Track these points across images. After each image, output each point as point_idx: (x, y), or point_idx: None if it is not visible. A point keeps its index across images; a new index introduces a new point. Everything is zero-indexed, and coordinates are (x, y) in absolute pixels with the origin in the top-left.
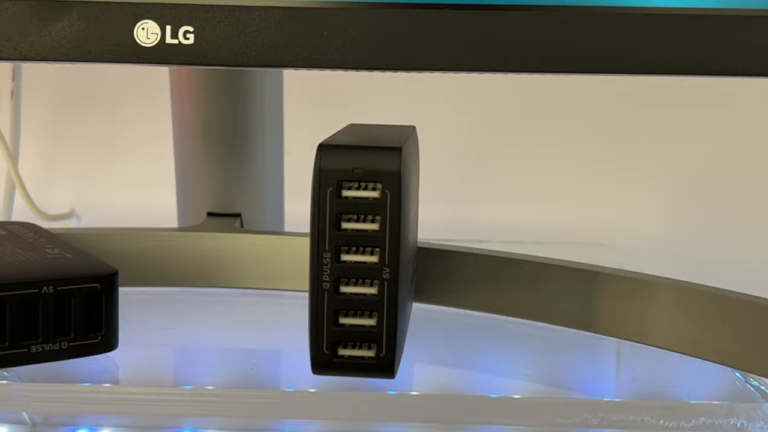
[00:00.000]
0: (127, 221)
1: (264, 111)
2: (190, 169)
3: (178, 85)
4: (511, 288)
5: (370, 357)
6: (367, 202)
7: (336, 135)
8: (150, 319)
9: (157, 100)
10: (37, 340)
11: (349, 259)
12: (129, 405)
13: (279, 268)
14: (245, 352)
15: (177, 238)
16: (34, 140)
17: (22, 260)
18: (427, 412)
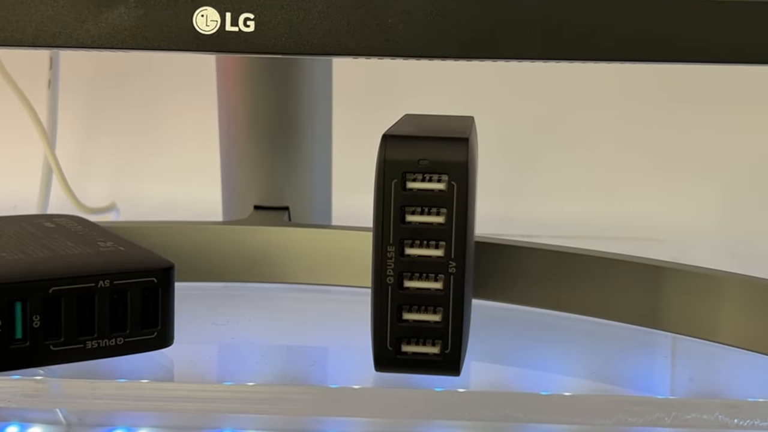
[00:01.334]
0: (167, 215)
1: (313, 101)
2: (237, 162)
3: (225, 75)
4: (572, 284)
5: (434, 354)
6: (432, 194)
7: (397, 125)
8: (200, 314)
9: (195, 90)
10: (93, 335)
11: (413, 253)
12: (172, 403)
13: (329, 263)
14: (302, 350)
15: (224, 232)
16: (71, 130)
17: (76, 253)
18: (492, 409)
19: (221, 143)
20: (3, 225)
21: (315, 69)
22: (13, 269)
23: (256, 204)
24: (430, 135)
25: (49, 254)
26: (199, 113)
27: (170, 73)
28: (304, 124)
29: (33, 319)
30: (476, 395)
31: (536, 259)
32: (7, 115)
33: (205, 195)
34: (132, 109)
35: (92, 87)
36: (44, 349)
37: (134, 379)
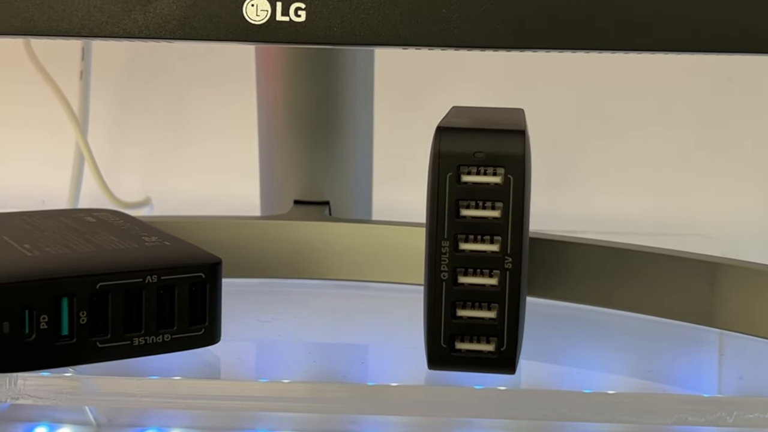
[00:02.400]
0: (200, 209)
1: (355, 93)
2: (277, 155)
3: (265, 66)
4: (625, 280)
5: (489, 351)
6: (488, 187)
7: (450, 118)
8: (243, 311)
9: (228, 83)
10: (140, 332)
11: (468, 248)
12: (207, 401)
13: (373, 259)
14: (350, 347)
15: (265, 227)
16: (101, 122)
17: (121, 248)
18: (550, 408)
19: (260, 136)
20: (42, 219)
21: (357, 59)
22: (58, 264)
23: (296, 199)
24: (485, 127)
25: (95, 249)
26: (231, 107)
27: (203, 66)
28: (346, 116)
29: (80, 315)
30: (533, 393)
31: (587, 255)
32: (35, 109)
33: (238, 190)
34: (164, 101)
35: (123, 78)
36: (91, 346)
37: (172, 377)
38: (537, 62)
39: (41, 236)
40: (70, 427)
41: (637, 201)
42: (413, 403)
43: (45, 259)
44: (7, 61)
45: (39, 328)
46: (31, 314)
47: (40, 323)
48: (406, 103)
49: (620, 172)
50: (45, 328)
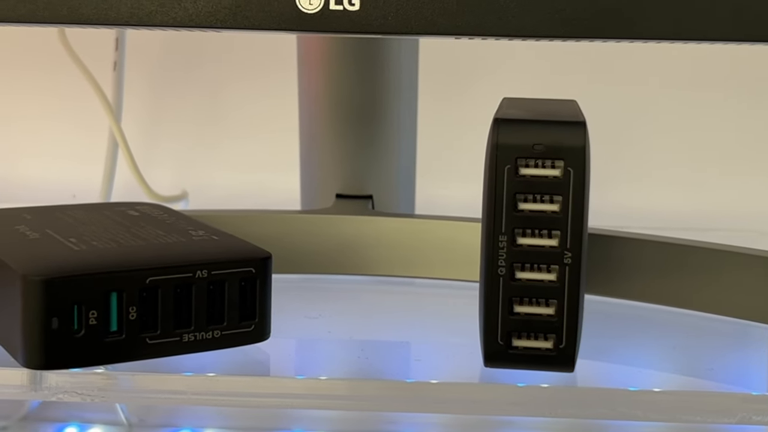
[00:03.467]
0: (235, 203)
1: (400, 84)
2: (318, 148)
3: (307, 57)
4: (687, 278)
5: (547, 349)
6: (546, 180)
7: (505, 109)
8: (289, 307)
9: (265, 75)
10: (190, 328)
11: (526, 243)
12: (243, 398)
13: (419, 255)
14: (402, 345)
15: (308, 222)
16: (135, 114)
17: (170, 242)
18: (610, 407)
19: (301, 129)
20: (84, 213)
21: (402, 49)
22: (107, 258)
23: (339, 192)
24: (544, 119)
25: (142, 243)
26: (266, 100)
27: (238, 57)
28: (390, 108)
29: (129, 310)
30: (593, 392)
31: (642, 251)
32: (64, 102)
33: (273, 183)
34: (198, 93)
35: (157, 70)
36: (140, 342)
37: (207, 373)
38: (576, 53)
39: (86, 230)
40: (101, 427)
41: (685, 196)
42: (464, 401)
43: (93, 253)
44: (40, 52)
45: (88, 323)
46: (80, 310)
47: (89, 319)
48: (445, 94)
49: (667, 167)
50: (94, 324)
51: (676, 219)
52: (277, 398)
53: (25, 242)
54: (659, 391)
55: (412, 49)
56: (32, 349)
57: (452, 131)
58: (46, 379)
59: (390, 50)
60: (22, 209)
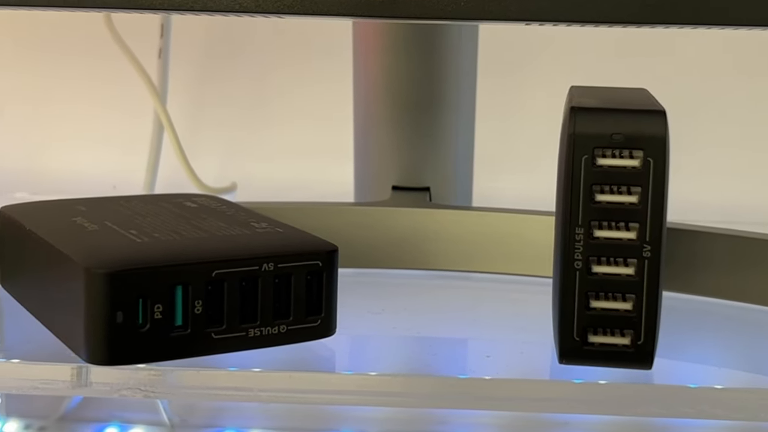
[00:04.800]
0: (285, 195)
1: (459, 72)
2: (374, 138)
3: (363, 43)
4: (762, 273)
5: (624, 345)
6: (625, 171)
7: (579, 98)
8: (350, 302)
9: (311, 63)
10: (255, 323)
11: (603, 236)
12: (293, 394)
13: (480, 249)
14: (470, 341)
15: (365, 214)
16: (179, 102)
17: (233, 235)
18: (690, 405)
19: (356, 118)
20: (141, 204)
21: (462, 35)
22: (172, 251)
23: (395, 184)
24: (622, 107)
25: (206, 235)
26: (313, 87)
27: (286, 43)
28: (450, 96)
29: (195, 304)
30: (671, 390)
31: (716, 246)
32: (106, 92)
33: (322, 175)
34: (244, 82)
35: (202, 57)
36: (205, 337)
37: (251, 369)
38: (630, 38)
39: (145, 222)
40: (143, 427)
41: (736, 188)
42: (538, 399)
43: (156, 245)
44: (85, 38)
45: (153, 317)
46: (145, 303)
47: (154, 313)
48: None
49: (719, 158)
50: (159, 318)
51: (747, 213)
52: (326, 395)
53: (84, 234)
54: (739, 389)
55: (472, 35)
56: (96, 345)
57: (501, 121)
58: (91, 375)
59: (450, 36)
60: (74, 200)
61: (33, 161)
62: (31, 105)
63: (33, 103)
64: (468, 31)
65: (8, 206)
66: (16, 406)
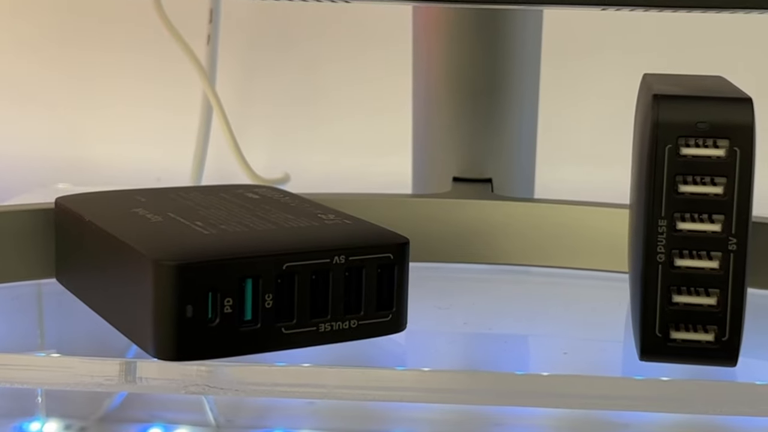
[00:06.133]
0: (338, 187)
1: (523, 60)
2: (434, 128)
3: (424, 29)
4: None
5: (708, 341)
6: (710, 161)
7: (660, 85)
8: (416, 297)
9: (361, 54)
10: (326, 317)
11: (686, 228)
12: (347, 390)
13: (546, 242)
14: (544, 337)
15: (428, 206)
16: (227, 90)
17: (302, 227)
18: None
19: (415, 107)
20: (201, 195)
21: (527, 21)
22: (241, 243)
23: (456, 176)
24: (707, 95)
25: (274, 227)
26: (365, 80)
27: (337, 30)
28: (513, 85)
29: (265, 298)
30: (758, 388)
31: None
32: (150, 84)
33: (376, 166)
34: (294, 70)
35: (251, 44)
36: (276, 332)
37: (300, 364)
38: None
39: (209, 213)
40: (187, 427)
41: None
42: (620, 397)
43: (225, 237)
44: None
45: (223, 312)
46: (215, 297)
47: (224, 307)
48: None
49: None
50: (229, 312)
51: None
52: (381, 391)
53: (148, 226)
54: None
55: (536, 21)
56: (165, 340)
57: (562, 109)
58: (139, 371)
59: (514, 22)
60: (132, 191)
61: (74, 152)
62: (73, 94)
63: (74, 92)
64: (532, 17)
65: (64, 197)
66: (55, 405)
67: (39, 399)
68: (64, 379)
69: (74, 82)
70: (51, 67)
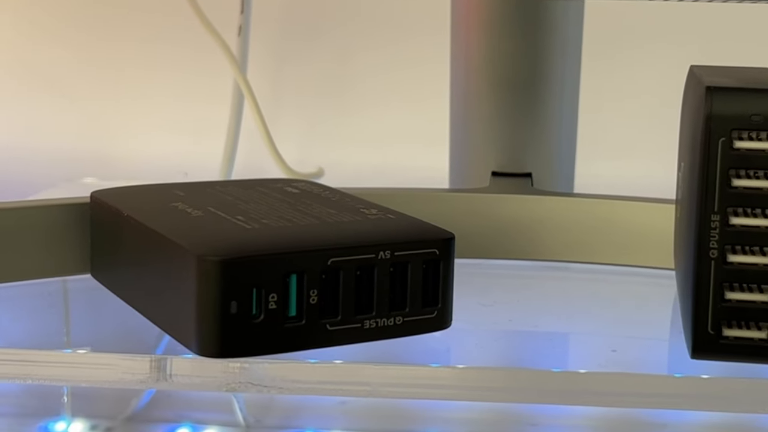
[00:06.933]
0: (369, 181)
1: (564, 50)
2: (473, 121)
3: (465, 19)
4: None
5: (761, 339)
6: (764, 154)
7: (711, 77)
8: (457, 293)
9: (395, 44)
10: (371, 314)
11: (740, 223)
12: (389, 388)
13: (590, 238)
14: (591, 335)
15: (466, 201)
16: (258, 81)
17: (345, 221)
18: None
19: (453, 99)
20: (240, 189)
21: (569, 11)
22: (284, 238)
23: (495, 170)
24: (761, 87)
25: (316, 222)
26: (398, 70)
27: (368, 21)
28: (553, 76)
29: (310, 294)
30: None
31: None
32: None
33: (411, 161)
34: (326, 62)
35: (282, 35)
36: (320, 328)
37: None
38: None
39: (249, 208)
40: (216, 428)
41: None
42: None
43: (268, 232)
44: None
45: (267, 308)
46: (260, 293)
47: (268, 303)
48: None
49: None
50: (273, 309)
51: None
52: (428, 389)
53: (190, 220)
54: None
55: (578, 11)
56: (208, 337)
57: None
58: (178, 368)
59: (555, 11)
60: (170, 185)
61: (100, 146)
62: (98, 86)
63: (100, 83)
64: (573, 8)
65: (99, 191)
66: (81, 405)
67: (65, 398)
68: (104, 376)
69: (100, 73)
70: (77, 58)
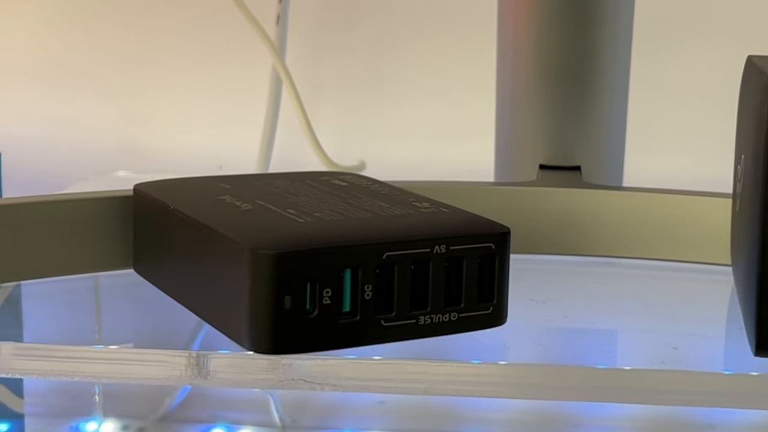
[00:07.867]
0: (410, 174)
1: (615, 40)
2: (520, 113)
3: (510, 8)
4: None
5: None
6: None
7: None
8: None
9: (430, 35)
10: (426, 309)
11: None
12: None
13: (640, 233)
14: (648, 332)
15: (515, 195)
16: (295, 72)
17: (398, 215)
18: None
19: (499, 91)
20: (288, 182)
21: (618, 2)
22: (338, 232)
23: (543, 163)
24: None
25: (370, 215)
26: (440, 60)
27: (405, 16)
28: (603, 67)
29: (365, 289)
30: None
31: None
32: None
33: (453, 154)
34: (362, 53)
35: (319, 25)
36: (375, 324)
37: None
38: None
39: (299, 201)
40: (251, 428)
41: None
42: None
43: (321, 226)
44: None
45: (321, 303)
46: (314, 288)
47: (323, 298)
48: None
49: None
50: (328, 304)
51: None
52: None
53: (239, 214)
54: None
55: (629, 2)
56: (261, 333)
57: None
58: (228, 366)
59: (605, 2)
60: (215, 177)
61: (132, 139)
62: (131, 77)
63: (132, 74)
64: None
65: (142, 184)
66: (113, 405)
67: (96, 398)
68: (149, 373)
69: (133, 64)
70: (109, 49)
